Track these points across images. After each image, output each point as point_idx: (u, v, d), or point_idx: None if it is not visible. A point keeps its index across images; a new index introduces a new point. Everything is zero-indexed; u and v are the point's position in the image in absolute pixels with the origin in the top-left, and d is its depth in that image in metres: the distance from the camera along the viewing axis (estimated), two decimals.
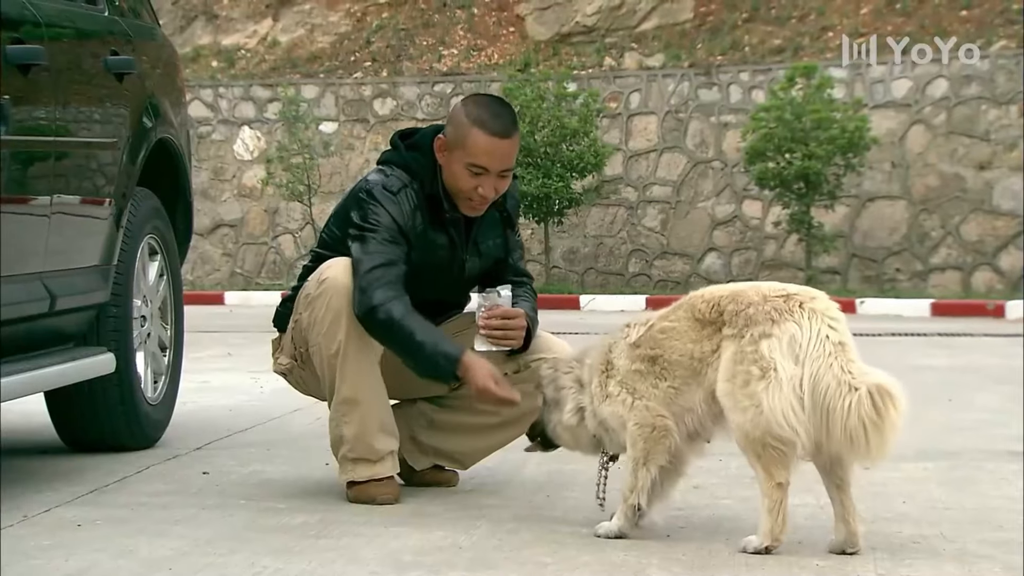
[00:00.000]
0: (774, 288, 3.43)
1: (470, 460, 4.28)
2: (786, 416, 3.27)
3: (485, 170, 3.94)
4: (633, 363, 3.53)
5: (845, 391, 3.27)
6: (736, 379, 3.34)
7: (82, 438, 4.89)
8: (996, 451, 5.10)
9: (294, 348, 4.07)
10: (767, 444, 3.30)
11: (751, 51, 16.95)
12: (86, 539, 3.53)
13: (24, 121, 4.13)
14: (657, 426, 3.48)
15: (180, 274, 5.37)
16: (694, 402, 3.46)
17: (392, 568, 3.23)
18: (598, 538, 3.51)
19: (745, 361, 3.33)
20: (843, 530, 3.40)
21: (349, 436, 3.96)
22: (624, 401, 3.52)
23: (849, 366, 3.30)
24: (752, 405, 3.30)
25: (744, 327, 3.35)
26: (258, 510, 3.91)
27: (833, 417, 3.27)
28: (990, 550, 3.48)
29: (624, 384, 3.53)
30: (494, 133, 3.93)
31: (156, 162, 5.07)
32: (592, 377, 3.63)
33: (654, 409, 3.49)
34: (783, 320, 3.33)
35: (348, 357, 3.91)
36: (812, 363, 3.29)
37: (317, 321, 3.92)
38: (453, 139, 3.97)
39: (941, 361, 8.84)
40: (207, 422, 5.65)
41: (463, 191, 3.97)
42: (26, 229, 4.14)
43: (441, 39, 18.33)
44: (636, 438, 3.50)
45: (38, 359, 4.31)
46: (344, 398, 3.94)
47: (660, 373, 3.49)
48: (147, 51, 5.14)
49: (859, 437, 3.27)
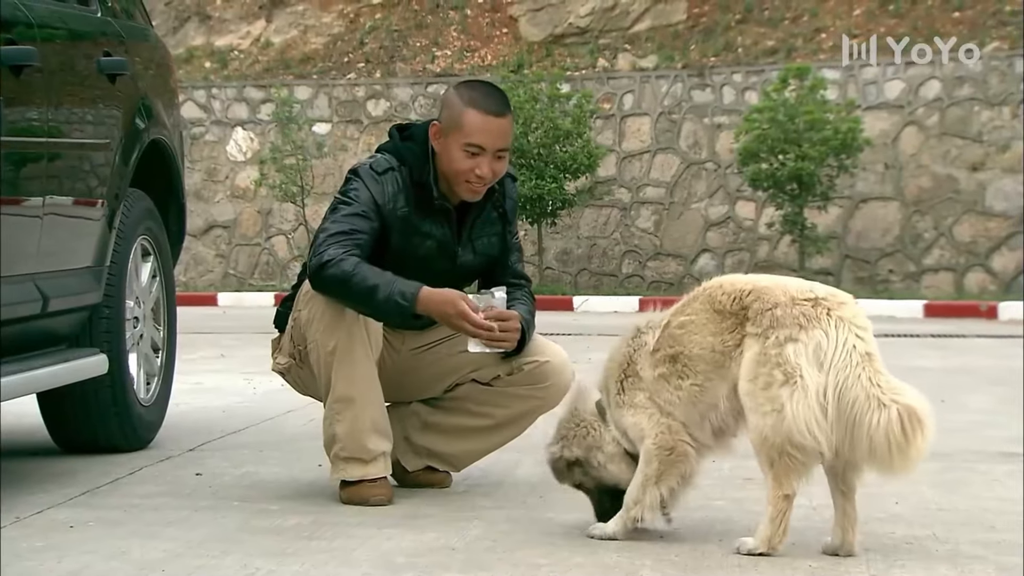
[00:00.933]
0: (801, 289, 3.36)
1: (463, 462, 4.28)
2: (809, 425, 3.24)
3: (482, 149, 3.94)
4: (656, 368, 3.47)
5: (875, 406, 3.23)
6: (758, 380, 3.30)
7: (75, 439, 4.88)
8: (989, 452, 5.11)
9: (293, 346, 4.07)
10: (784, 451, 3.27)
11: (744, 52, 16.97)
12: (78, 541, 3.53)
13: (17, 122, 4.12)
14: (676, 450, 3.44)
15: (173, 275, 5.37)
16: (718, 397, 3.41)
17: (385, 570, 3.23)
18: (591, 539, 3.51)
19: (769, 364, 3.29)
20: (840, 535, 3.40)
21: (342, 434, 3.95)
22: (650, 415, 3.46)
23: (878, 379, 3.26)
24: (774, 410, 3.27)
25: (769, 328, 3.31)
26: (251, 511, 3.91)
27: (859, 431, 3.24)
28: (983, 551, 3.49)
29: (650, 394, 3.47)
30: (489, 112, 3.95)
31: (149, 163, 5.07)
32: (610, 382, 3.57)
33: (677, 431, 3.44)
34: (811, 327, 3.28)
35: (345, 355, 3.90)
36: (838, 372, 3.25)
37: (316, 318, 3.92)
38: (448, 122, 3.97)
39: (934, 362, 8.85)
40: (200, 423, 5.64)
41: (461, 173, 3.97)
42: (18, 230, 4.13)
43: (434, 40, 18.34)
44: (652, 456, 3.45)
45: (31, 360, 4.31)
46: (339, 396, 3.94)
47: (682, 371, 3.44)
48: (140, 52, 5.13)
49: (884, 455, 3.25)
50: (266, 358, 4.28)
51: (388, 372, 4.07)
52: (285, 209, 17.51)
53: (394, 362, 4.11)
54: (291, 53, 18.70)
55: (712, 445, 3.50)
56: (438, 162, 4.01)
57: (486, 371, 4.13)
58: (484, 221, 4.12)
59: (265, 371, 4.62)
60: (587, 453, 3.61)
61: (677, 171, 16.60)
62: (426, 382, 4.19)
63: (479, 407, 4.16)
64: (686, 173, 16.57)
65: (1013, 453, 5.04)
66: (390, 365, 4.09)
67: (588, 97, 16.09)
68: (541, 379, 4.10)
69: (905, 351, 9.41)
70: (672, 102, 16.66)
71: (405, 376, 4.15)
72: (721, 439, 3.49)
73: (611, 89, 16.95)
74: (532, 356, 4.09)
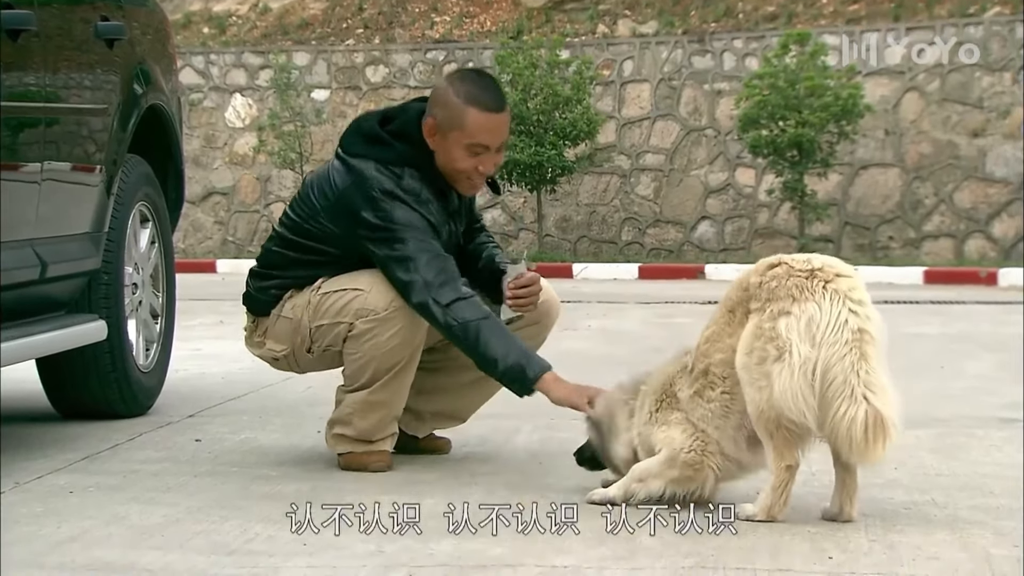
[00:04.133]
0: (799, 261, 3.34)
1: (468, 412, 4.27)
2: (796, 402, 3.24)
3: (486, 148, 3.90)
4: (691, 387, 3.47)
5: (847, 394, 3.23)
6: (753, 355, 3.31)
7: (74, 405, 4.89)
8: (987, 418, 5.11)
9: (300, 341, 4.00)
10: (780, 425, 3.28)
11: (745, 18, 16.90)
12: (78, 506, 3.53)
13: (14, 87, 4.11)
14: (701, 472, 3.44)
15: (172, 241, 5.37)
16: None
17: (384, 536, 3.23)
18: (591, 505, 3.51)
19: (763, 338, 3.29)
20: (838, 504, 3.40)
21: (360, 427, 3.96)
22: (684, 428, 3.46)
23: (861, 365, 3.24)
24: (767, 385, 3.27)
25: (767, 301, 3.30)
26: (250, 477, 3.91)
27: (826, 412, 3.26)
28: (981, 516, 3.49)
29: (686, 414, 3.46)
30: (490, 109, 3.89)
31: (147, 129, 5.05)
32: (645, 402, 3.56)
33: (709, 451, 3.43)
34: (803, 299, 3.27)
35: (400, 376, 3.92)
36: (827, 348, 3.24)
37: (380, 341, 3.86)
38: (446, 121, 3.88)
39: (933, 329, 8.85)
40: (199, 389, 5.64)
41: (463, 171, 3.93)
42: (16, 196, 4.12)
43: (433, 6, 18.26)
44: (677, 464, 3.45)
45: (29, 326, 4.31)
46: (375, 401, 3.93)
47: (711, 382, 3.43)
48: (138, 17, 5.11)
49: (843, 446, 3.28)
50: None
51: None
52: (284, 176, 17.49)
53: None
54: (289, 19, 18.63)
55: (749, 461, 3.45)
56: (436, 159, 3.93)
57: None
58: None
59: None
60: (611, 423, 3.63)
61: (677, 138, 16.57)
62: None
63: (465, 359, 4.11)
64: (686, 140, 16.54)
65: (1011, 419, 5.04)
66: None
67: (588, 63, 16.04)
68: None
69: (904, 318, 9.42)
70: (672, 68, 16.61)
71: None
72: (757, 450, 3.42)
73: (611, 55, 16.90)
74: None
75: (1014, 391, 5.74)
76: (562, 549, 3.14)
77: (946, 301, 11.26)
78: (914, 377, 5.77)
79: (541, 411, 4.51)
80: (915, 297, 11.52)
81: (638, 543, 3.20)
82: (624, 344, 7.72)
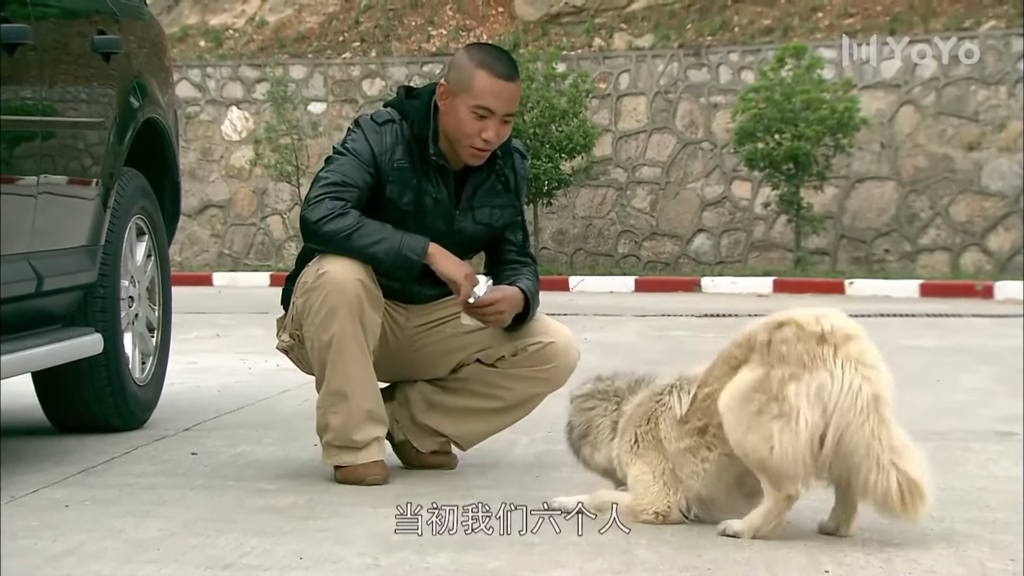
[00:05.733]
0: (809, 322, 3.25)
1: (470, 442, 4.25)
2: (795, 466, 3.20)
3: (491, 112, 3.92)
4: (682, 441, 3.43)
5: (874, 464, 3.20)
6: (751, 403, 3.23)
7: (70, 419, 4.88)
8: (983, 431, 5.12)
9: (293, 328, 4.06)
10: (767, 470, 3.26)
11: (741, 31, 16.94)
12: (74, 520, 3.53)
13: (10, 101, 4.11)
14: (660, 514, 3.45)
15: (168, 254, 5.36)
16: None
17: (380, 549, 3.23)
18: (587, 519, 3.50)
19: (768, 393, 3.21)
20: (836, 519, 3.39)
21: (335, 425, 3.95)
22: (662, 486, 3.44)
23: (881, 431, 3.20)
24: (762, 439, 3.21)
25: (777, 361, 3.23)
26: (246, 491, 3.91)
27: (856, 480, 3.23)
28: (978, 530, 3.49)
29: (673, 466, 3.44)
30: (500, 75, 3.93)
31: (144, 142, 5.06)
32: (628, 426, 3.54)
33: (677, 513, 3.44)
34: (815, 367, 3.20)
35: (340, 350, 3.88)
36: (841, 416, 3.19)
37: (312, 311, 3.89)
38: (456, 83, 3.94)
39: (929, 342, 8.86)
40: (195, 403, 5.64)
41: (467, 135, 3.94)
42: (13, 209, 4.12)
43: (430, 19, 18.29)
44: (641, 513, 3.45)
45: (25, 340, 4.30)
46: (333, 390, 3.93)
47: (710, 443, 3.38)
48: (134, 30, 5.11)
49: (880, 510, 3.28)
50: (261, 338, 4.29)
51: (392, 349, 4.06)
52: (280, 189, 17.49)
53: (398, 339, 4.09)
54: (286, 32, 18.66)
55: (744, 507, 3.40)
56: (443, 122, 3.97)
57: (491, 352, 4.10)
58: (487, 191, 4.08)
59: (260, 351, 4.63)
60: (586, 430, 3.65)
61: (673, 151, 16.58)
62: (431, 360, 4.16)
63: (484, 388, 4.13)
64: (682, 153, 16.56)
65: (1008, 432, 5.05)
66: (394, 342, 4.07)
67: (584, 76, 16.07)
68: (545, 360, 4.08)
69: (900, 331, 9.42)
70: (668, 81, 16.63)
71: (410, 354, 4.12)
72: (752, 500, 3.39)
73: (607, 68, 16.92)
74: (536, 337, 4.07)
75: (1011, 404, 5.74)
76: (559, 562, 3.14)
77: (942, 314, 11.26)
78: (910, 390, 5.77)
79: (539, 424, 4.51)
80: (911, 310, 11.53)
81: (634, 556, 3.19)
82: (620, 356, 7.72)
